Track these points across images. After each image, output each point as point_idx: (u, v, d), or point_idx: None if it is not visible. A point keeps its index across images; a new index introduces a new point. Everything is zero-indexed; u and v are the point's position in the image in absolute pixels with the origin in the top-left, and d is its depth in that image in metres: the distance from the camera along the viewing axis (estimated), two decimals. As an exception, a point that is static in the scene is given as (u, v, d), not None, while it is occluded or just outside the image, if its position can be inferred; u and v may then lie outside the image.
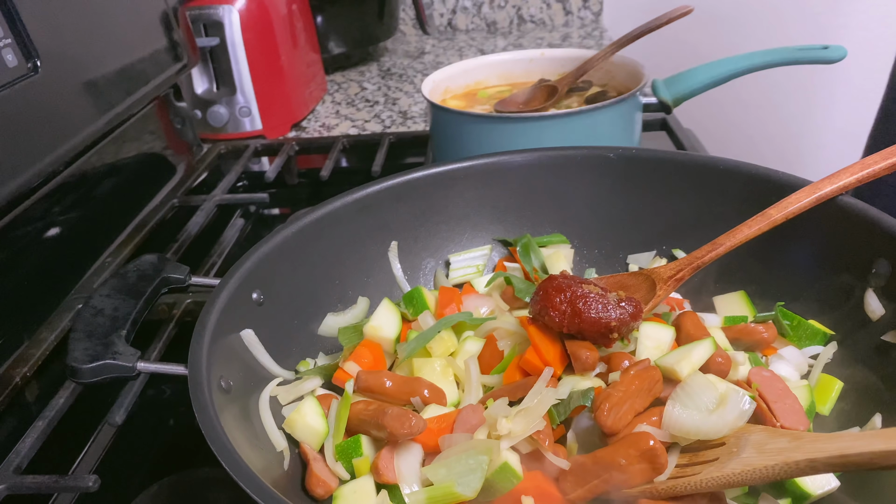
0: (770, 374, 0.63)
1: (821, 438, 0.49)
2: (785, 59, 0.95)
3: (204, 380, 0.55)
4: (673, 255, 0.80)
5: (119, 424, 0.69)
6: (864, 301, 0.65)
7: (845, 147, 1.85)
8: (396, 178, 0.80)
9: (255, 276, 0.68)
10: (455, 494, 0.54)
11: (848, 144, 1.69)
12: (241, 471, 0.47)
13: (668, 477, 0.54)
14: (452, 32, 2.14)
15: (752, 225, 0.69)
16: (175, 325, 0.83)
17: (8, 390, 0.76)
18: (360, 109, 1.57)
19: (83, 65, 0.91)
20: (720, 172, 0.77)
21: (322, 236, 0.75)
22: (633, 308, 0.62)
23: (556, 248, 0.83)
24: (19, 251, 0.84)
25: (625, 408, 0.56)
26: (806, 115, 2.30)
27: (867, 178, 0.68)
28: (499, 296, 0.77)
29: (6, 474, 0.62)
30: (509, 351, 0.67)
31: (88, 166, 0.97)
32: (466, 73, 1.12)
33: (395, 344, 0.72)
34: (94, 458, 0.69)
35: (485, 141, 0.93)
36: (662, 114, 1.07)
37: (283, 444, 0.62)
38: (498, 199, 0.84)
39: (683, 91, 0.99)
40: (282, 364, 0.68)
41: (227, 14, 1.34)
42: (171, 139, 1.24)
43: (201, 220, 1.06)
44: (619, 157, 0.81)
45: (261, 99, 1.41)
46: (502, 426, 0.57)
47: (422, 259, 0.84)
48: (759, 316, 0.73)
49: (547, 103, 1.01)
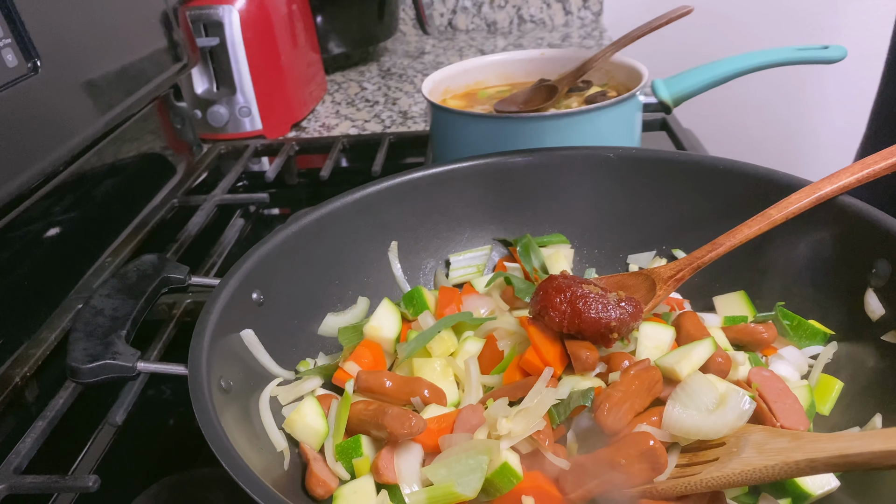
0: (770, 374, 0.63)
1: (821, 438, 0.49)
2: (785, 59, 0.95)
3: (204, 380, 0.55)
4: (673, 255, 0.80)
5: (119, 424, 0.69)
6: (864, 301, 0.65)
7: (845, 147, 1.84)
8: (396, 178, 0.80)
9: (255, 276, 0.68)
10: (455, 494, 0.54)
11: (848, 144, 1.69)
12: (242, 471, 0.47)
13: (668, 477, 0.54)
14: (452, 32, 2.14)
15: (751, 225, 0.69)
16: (175, 325, 0.83)
17: (8, 390, 0.76)
18: (360, 109, 1.57)
19: (83, 65, 0.91)
20: (720, 172, 0.77)
21: (322, 236, 0.75)
22: (632, 308, 0.62)
23: (556, 248, 0.83)
24: (19, 251, 0.84)
25: (625, 408, 0.56)
26: (806, 115, 2.30)
27: (867, 178, 0.68)
28: (499, 296, 0.77)
29: (6, 474, 0.62)
30: (509, 351, 0.67)
31: (88, 166, 0.97)
32: (466, 73, 1.12)
33: (395, 344, 0.72)
34: (94, 458, 0.69)
35: (485, 141, 0.93)
36: (662, 114, 1.07)
37: (283, 444, 0.62)
38: (498, 199, 0.84)
39: (683, 91, 0.99)
40: (282, 364, 0.68)
41: (227, 14, 1.34)
42: (171, 139, 1.24)
43: (201, 220, 1.06)
44: (619, 157, 0.81)
45: (261, 99, 1.41)
46: (502, 426, 0.57)
47: (422, 259, 0.84)
48: (759, 316, 0.73)
49: (547, 103, 1.01)
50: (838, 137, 2.26)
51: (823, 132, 2.32)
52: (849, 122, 1.97)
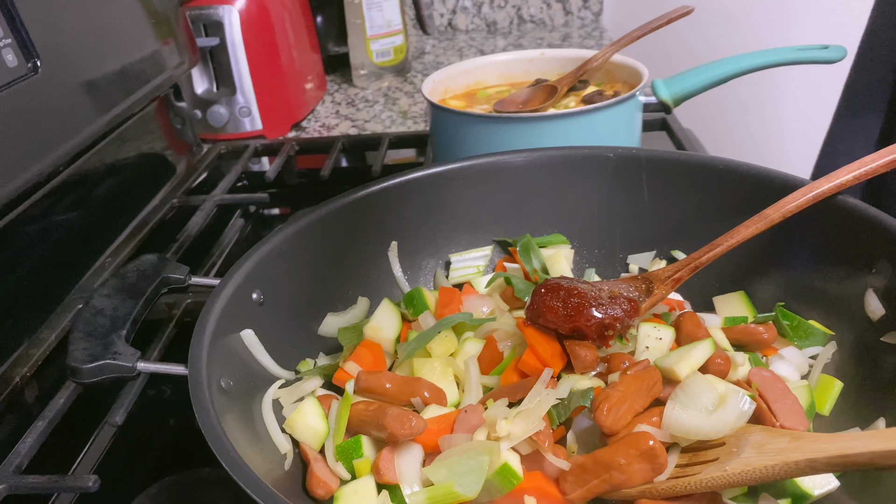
0: (770, 374, 0.63)
1: (821, 438, 0.49)
2: (785, 59, 0.95)
3: (204, 380, 0.55)
4: (672, 256, 0.80)
5: (119, 424, 0.69)
6: (864, 301, 0.65)
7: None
8: (396, 178, 0.80)
9: (255, 276, 0.68)
10: (455, 494, 0.54)
11: (848, 144, 1.69)
12: (242, 471, 0.47)
13: (668, 477, 0.54)
14: (452, 32, 2.14)
15: (749, 225, 0.69)
16: (175, 325, 0.83)
17: (8, 390, 0.76)
18: (360, 109, 1.57)
19: (83, 65, 0.91)
20: (720, 172, 0.77)
21: (322, 236, 0.75)
22: (628, 305, 0.62)
23: (556, 248, 0.83)
24: (19, 251, 0.84)
25: (624, 408, 0.56)
26: (806, 115, 2.30)
27: (864, 175, 0.67)
28: (499, 296, 0.77)
29: (6, 474, 0.62)
30: (509, 352, 0.67)
31: (88, 166, 0.97)
32: (466, 73, 1.12)
33: (396, 344, 0.72)
34: (94, 458, 0.69)
35: (485, 141, 0.93)
36: (662, 114, 1.07)
37: (287, 447, 0.62)
38: (498, 199, 0.84)
39: (683, 91, 0.99)
40: (282, 364, 0.68)
41: (227, 14, 1.34)
42: (171, 139, 1.24)
43: (201, 220, 1.06)
44: (619, 157, 0.81)
45: (261, 99, 1.41)
46: (502, 428, 0.57)
47: (422, 259, 0.84)
48: (759, 316, 0.73)
49: (546, 103, 1.01)
50: (838, 137, 2.25)
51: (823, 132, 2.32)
52: (849, 122, 1.96)
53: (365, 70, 1.66)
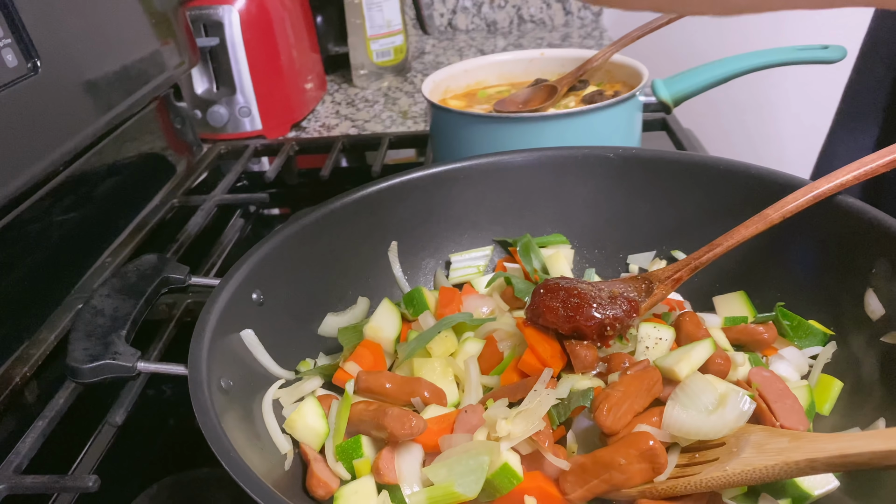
0: (770, 374, 0.63)
1: (821, 438, 0.49)
2: (785, 59, 0.95)
3: (204, 380, 0.55)
4: (672, 256, 0.80)
5: (119, 424, 0.69)
6: (864, 301, 0.65)
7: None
8: (396, 178, 0.80)
9: (255, 276, 0.68)
10: (456, 494, 0.54)
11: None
12: (242, 471, 0.47)
13: (668, 477, 0.54)
14: (452, 32, 2.14)
15: (749, 225, 0.68)
16: (175, 325, 0.83)
17: (8, 390, 0.76)
18: (360, 109, 1.57)
19: (83, 65, 0.91)
20: (720, 172, 0.77)
21: (322, 236, 0.75)
22: (628, 305, 0.63)
23: (556, 248, 0.83)
24: (19, 251, 0.84)
25: (624, 408, 0.56)
26: (805, 115, 2.30)
27: (864, 175, 0.67)
28: (499, 296, 0.77)
29: (6, 474, 0.62)
30: (509, 353, 0.67)
31: (88, 166, 0.97)
32: (466, 73, 1.12)
33: (396, 344, 0.72)
34: (94, 458, 0.69)
35: (485, 141, 0.93)
36: (662, 114, 1.07)
37: (287, 447, 0.62)
38: (498, 199, 0.84)
39: (683, 91, 0.99)
40: (282, 364, 0.68)
41: (227, 14, 1.34)
42: (171, 139, 1.24)
43: (201, 220, 1.06)
44: (619, 157, 0.81)
45: (261, 99, 1.41)
46: (502, 428, 0.57)
47: (422, 259, 0.84)
48: (759, 316, 0.73)
49: (546, 103, 1.01)
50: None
51: (823, 132, 2.32)
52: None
53: (365, 70, 1.66)
